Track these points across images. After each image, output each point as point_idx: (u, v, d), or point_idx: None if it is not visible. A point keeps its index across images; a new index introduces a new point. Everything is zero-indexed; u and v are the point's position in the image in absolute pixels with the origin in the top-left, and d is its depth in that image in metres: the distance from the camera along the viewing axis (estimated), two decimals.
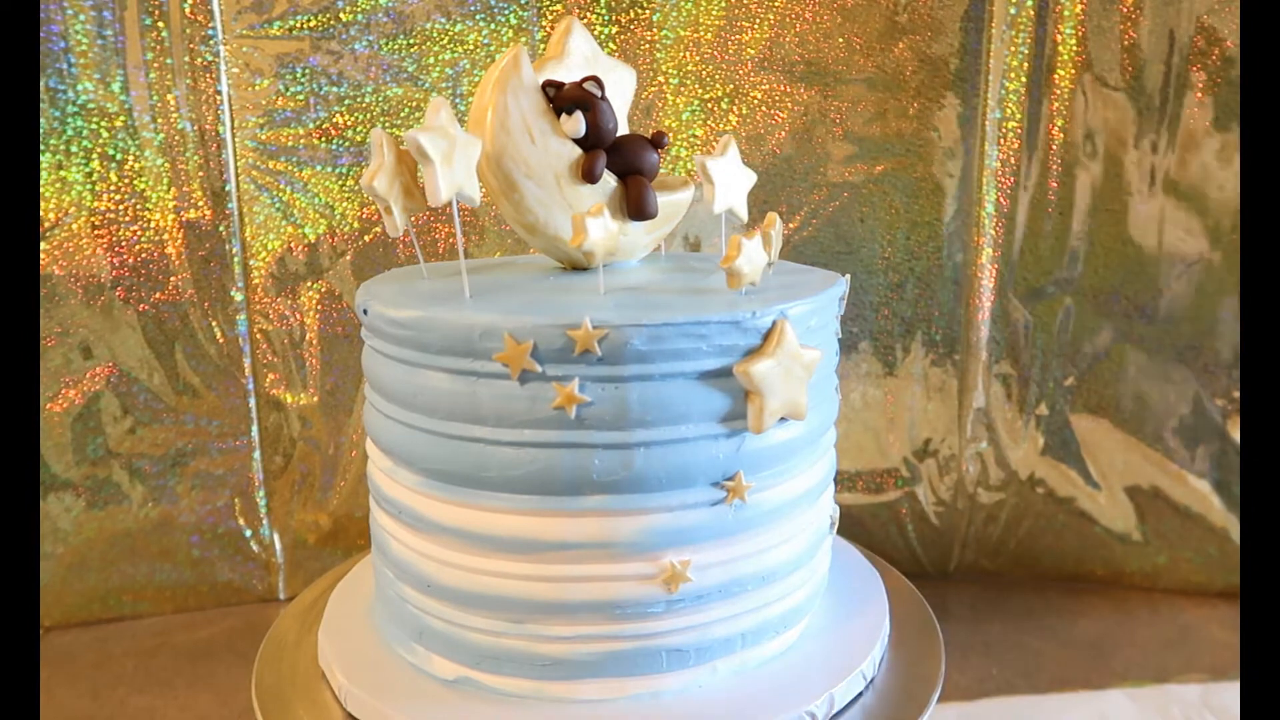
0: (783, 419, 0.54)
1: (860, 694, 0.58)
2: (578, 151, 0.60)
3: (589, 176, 0.59)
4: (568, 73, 0.61)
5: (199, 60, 0.82)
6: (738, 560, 0.55)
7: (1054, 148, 0.87)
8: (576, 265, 0.64)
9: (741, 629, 0.57)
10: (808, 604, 0.62)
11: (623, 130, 0.64)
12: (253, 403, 0.90)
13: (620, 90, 0.64)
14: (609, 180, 0.60)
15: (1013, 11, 0.84)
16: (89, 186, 0.83)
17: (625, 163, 0.60)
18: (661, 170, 0.64)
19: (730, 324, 0.51)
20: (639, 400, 0.52)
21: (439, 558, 0.57)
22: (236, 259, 0.87)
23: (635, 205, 0.60)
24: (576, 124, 0.59)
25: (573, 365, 0.51)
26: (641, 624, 0.55)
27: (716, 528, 0.54)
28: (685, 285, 0.59)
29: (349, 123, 0.86)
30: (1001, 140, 0.87)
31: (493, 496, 0.54)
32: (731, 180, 0.58)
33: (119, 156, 0.83)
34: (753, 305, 0.52)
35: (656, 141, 0.61)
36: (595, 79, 0.59)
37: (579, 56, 0.63)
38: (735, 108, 0.89)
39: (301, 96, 0.85)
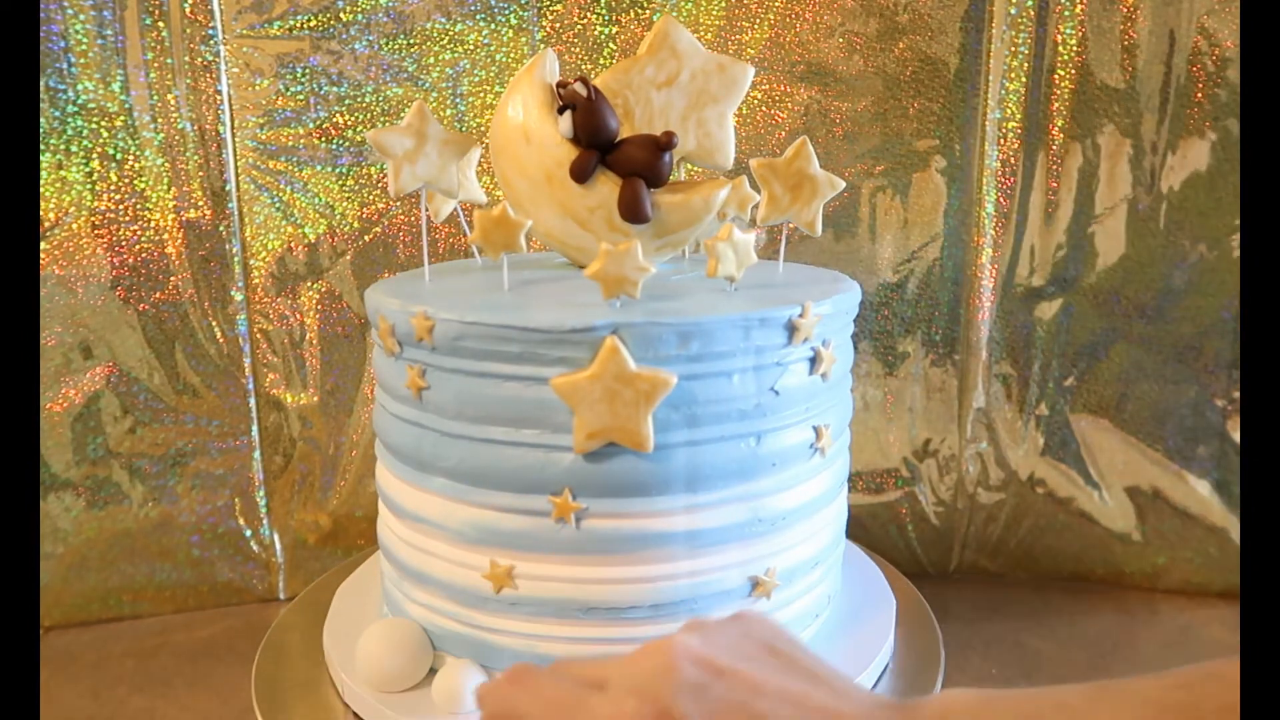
0: (612, 443, 0.51)
1: None
2: (576, 152, 0.60)
3: (575, 176, 0.59)
4: (657, 70, 0.61)
5: (199, 60, 0.82)
6: (564, 582, 0.54)
7: (1054, 148, 0.87)
8: (582, 264, 0.64)
9: None
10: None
11: (724, 130, 0.63)
12: (253, 403, 0.90)
13: (730, 87, 0.62)
14: (614, 181, 0.60)
15: (1013, 11, 0.84)
16: (89, 186, 0.83)
17: (627, 164, 0.60)
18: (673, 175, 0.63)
19: (555, 334, 0.50)
20: (461, 393, 0.53)
21: (381, 514, 0.63)
22: (236, 259, 0.87)
23: (627, 207, 0.60)
24: (565, 124, 0.59)
25: (417, 350, 0.54)
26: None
27: (542, 541, 0.53)
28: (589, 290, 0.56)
29: (349, 123, 0.86)
30: (1001, 140, 0.87)
31: (392, 463, 0.60)
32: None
33: (119, 156, 0.83)
34: (588, 316, 0.50)
35: (664, 143, 0.59)
36: (583, 79, 0.58)
37: (669, 54, 0.61)
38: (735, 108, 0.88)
39: (301, 96, 0.85)
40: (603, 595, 0.53)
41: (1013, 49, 0.85)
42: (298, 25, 0.83)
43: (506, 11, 0.86)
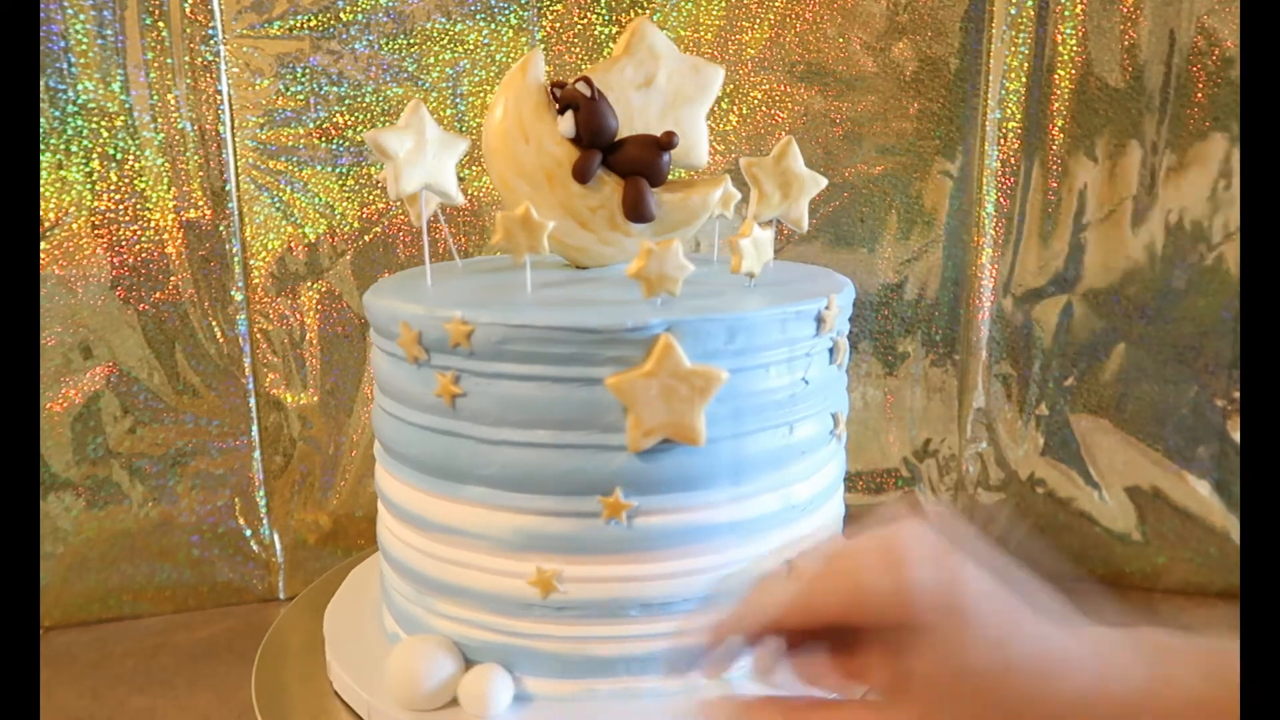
0: (666, 440, 0.51)
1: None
2: (576, 152, 0.60)
3: (578, 176, 0.59)
4: (636, 71, 0.61)
5: (199, 60, 0.82)
6: (616, 581, 0.54)
7: (1054, 148, 0.87)
8: (580, 264, 0.64)
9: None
10: None
11: (698, 130, 0.63)
12: (253, 403, 0.90)
13: (704, 88, 0.63)
14: (615, 181, 0.60)
15: (1013, 11, 0.84)
16: (89, 186, 0.83)
17: (628, 164, 0.60)
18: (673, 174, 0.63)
19: (610, 334, 0.50)
20: (504, 398, 0.52)
21: (392, 528, 0.61)
22: (236, 259, 0.87)
23: (630, 207, 0.60)
24: (566, 124, 0.59)
25: (449, 356, 0.53)
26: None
27: (591, 542, 0.53)
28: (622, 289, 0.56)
29: (349, 123, 0.86)
30: (1001, 140, 0.87)
31: (412, 476, 0.58)
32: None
33: (119, 156, 0.83)
34: (643, 315, 0.50)
35: (665, 143, 0.60)
36: (586, 79, 0.59)
37: (647, 54, 0.61)
38: (735, 108, 0.89)
39: (301, 96, 0.85)
40: (654, 591, 0.54)
41: (1013, 49, 0.85)
42: (298, 25, 0.83)
43: (506, 11, 0.86)
